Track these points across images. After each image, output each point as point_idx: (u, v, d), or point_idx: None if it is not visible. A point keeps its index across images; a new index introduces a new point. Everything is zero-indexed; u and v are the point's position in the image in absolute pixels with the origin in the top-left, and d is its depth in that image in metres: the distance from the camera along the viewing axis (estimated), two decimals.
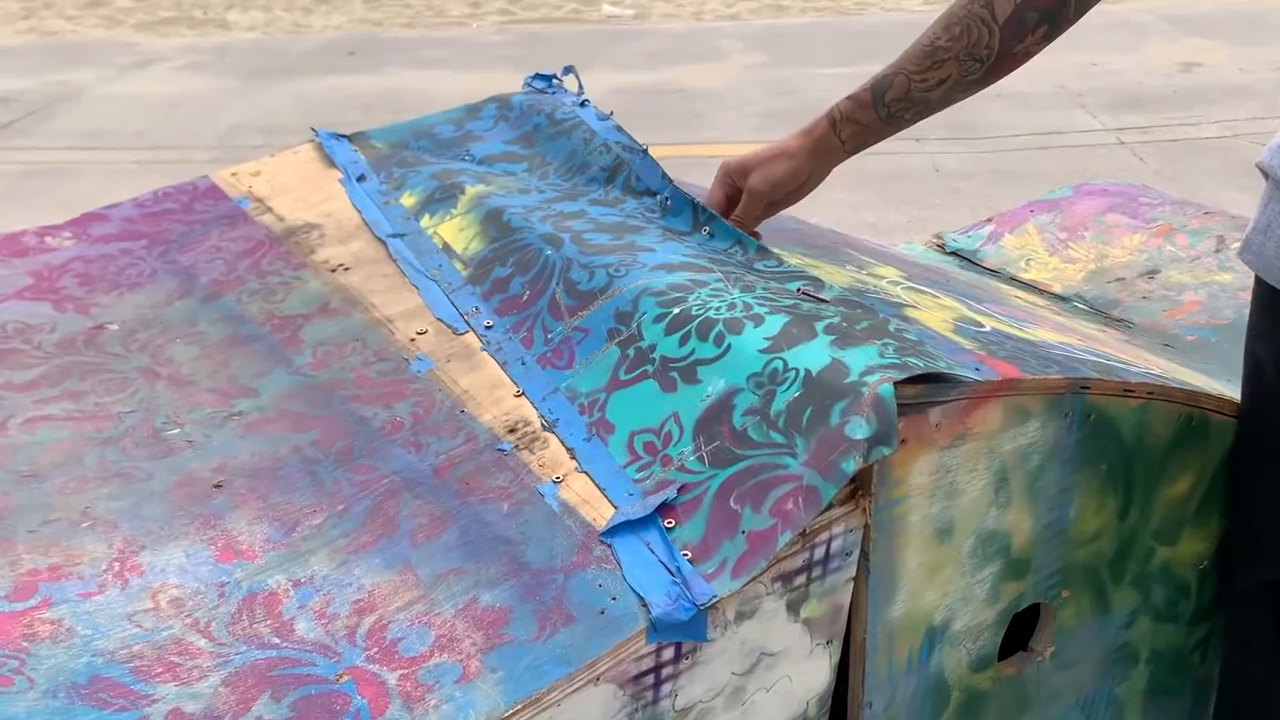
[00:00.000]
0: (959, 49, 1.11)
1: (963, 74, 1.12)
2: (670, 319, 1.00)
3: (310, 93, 5.44)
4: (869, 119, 1.15)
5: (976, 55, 1.11)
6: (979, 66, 1.12)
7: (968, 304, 1.29)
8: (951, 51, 1.11)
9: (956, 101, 1.16)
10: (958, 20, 1.11)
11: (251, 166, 1.50)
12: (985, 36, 1.10)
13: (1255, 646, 1.15)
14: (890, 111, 1.14)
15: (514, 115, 1.54)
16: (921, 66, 1.12)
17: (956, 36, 1.11)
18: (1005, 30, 1.10)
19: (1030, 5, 1.09)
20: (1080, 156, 4.06)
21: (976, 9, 1.11)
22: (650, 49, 5.87)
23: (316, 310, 1.19)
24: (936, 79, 1.12)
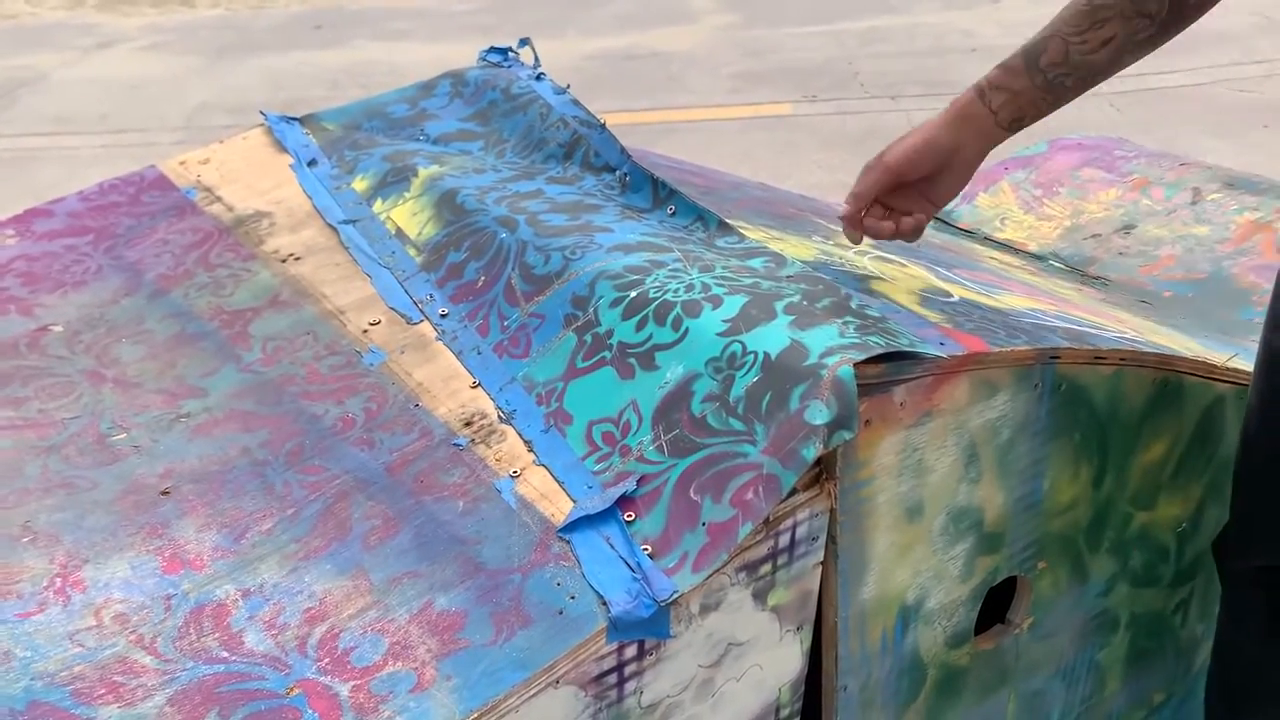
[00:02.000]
0: (1123, 5, 0.98)
1: (1131, 32, 0.99)
2: (627, 303, 0.97)
3: (277, 69, 5.34)
4: (1022, 85, 1.02)
5: (1145, 10, 0.98)
6: (1148, 24, 0.99)
7: (936, 271, 1.26)
8: (1116, 8, 0.98)
9: (1127, 65, 1.03)
10: None
11: (200, 154, 1.45)
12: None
13: (1250, 626, 1.13)
14: (1048, 78, 1.01)
15: (469, 91, 1.49)
16: (1080, 28, 1.00)
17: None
18: None
19: None
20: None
21: None
22: (621, 12, 5.79)
23: (266, 303, 1.15)
24: (1100, 40, 1.00)
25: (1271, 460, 1.08)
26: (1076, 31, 1.00)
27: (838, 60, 4.60)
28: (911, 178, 1.07)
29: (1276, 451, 1.07)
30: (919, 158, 1.05)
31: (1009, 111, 1.03)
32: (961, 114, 1.04)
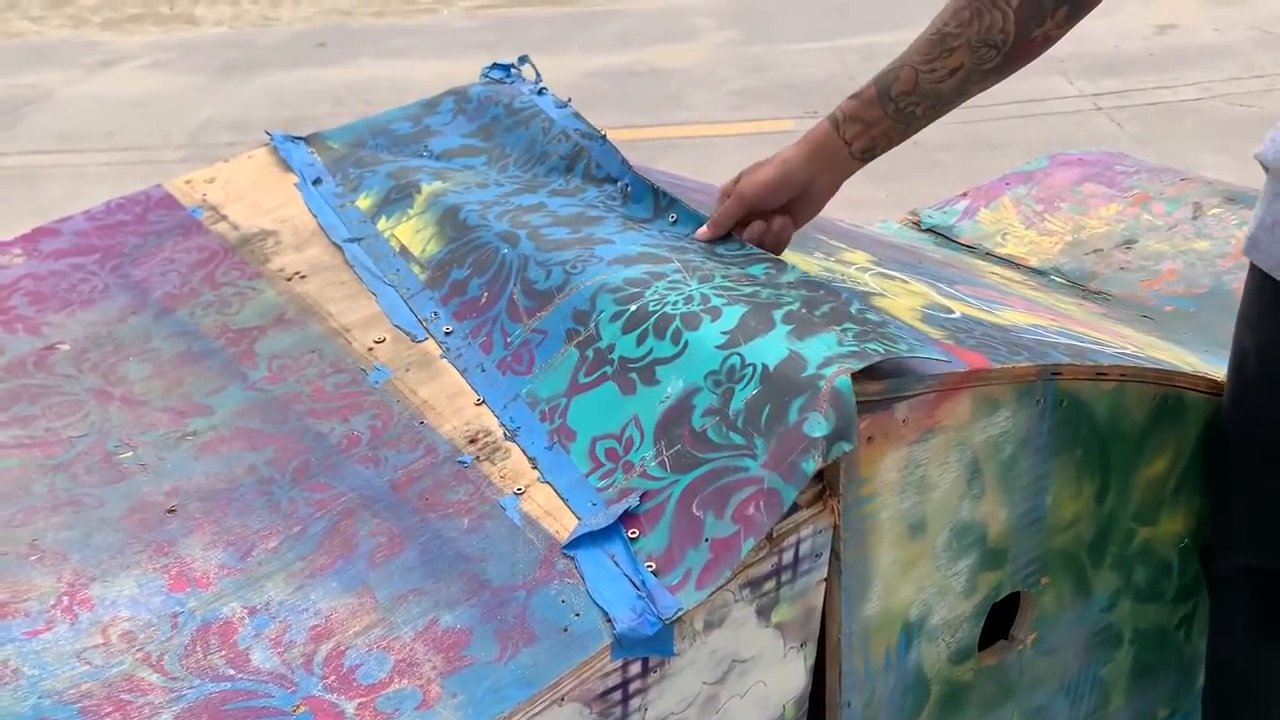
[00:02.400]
0: (970, 35, 1.01)
1: (976, 62, 1.02)
2: (627, 317, 0.98)
3: (281, 86, 5.37)
4: (874, 116, 1.05)
5: (990, 41, 1.02)
6: (994, 53, 1.02)
7: (938, 288, 1.27)
8: (962, 38, 1.02)
9: (973, 94, 1.06)
10: (966, 4, 1.02)
11: (206, 173, 1.46)
12: (999, 21, 1.01)
13: (1238, 631, 1.13)
14: (899, 107, 1.04)
15: (472, 107, 1.50)
16: (929, 56, 1.03)
17: (966, 22, 1.02)
18: (1020, 13, 1.01)
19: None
20: (1058, 124, 4.04)
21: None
22: (622, 30, 5.82)
23: (272, 321, 1.16)
24: (947, 69, 1.03)
25: (1244, 456, 1.09)
26: (926, 60, 1.03)
27: (838, 76, 4.62)
28: (767, 208, 1.10)
29: (1249, 448, 1.08)
30: (775, 191, 1.09)
31: (862, 143, 1.06)
32: (818, 147, 1.07)
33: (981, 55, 1.02)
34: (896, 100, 1.04)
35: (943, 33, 1.02)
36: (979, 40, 1.02)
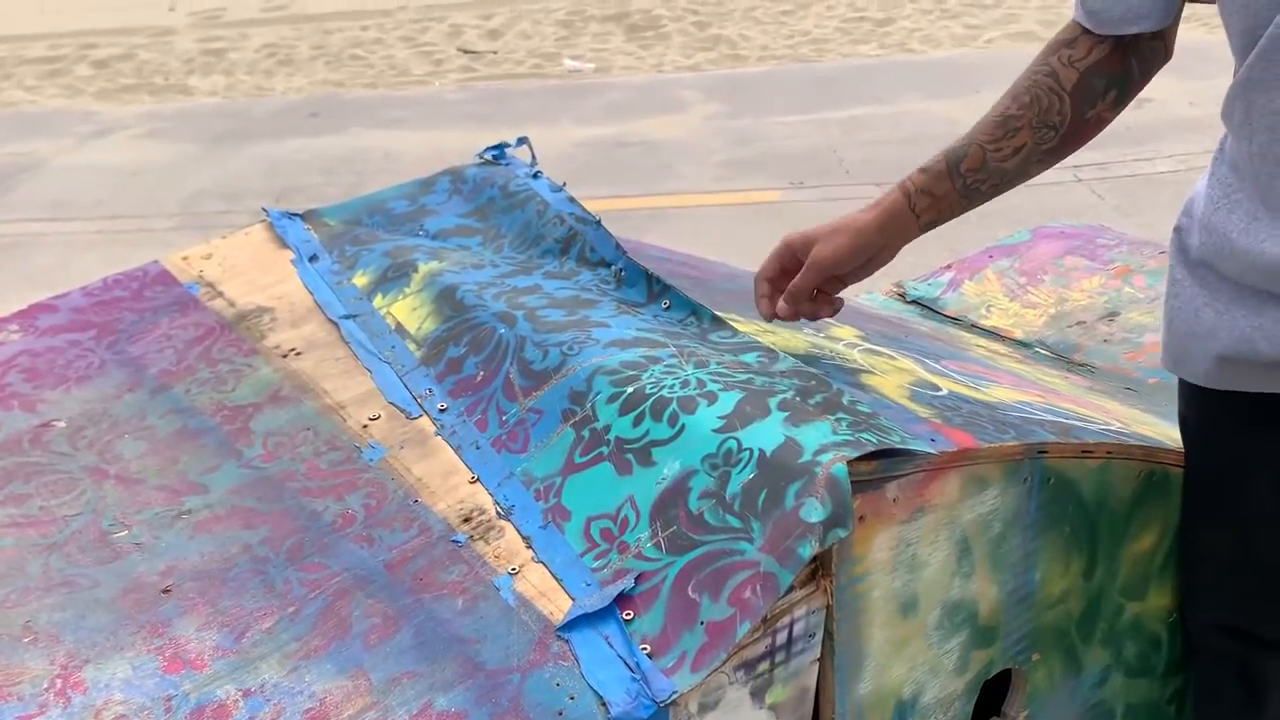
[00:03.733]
0: (1030, 116, 1.08)
1: (1037, 142, 1.09)
2: (624, 399, 0.99)
3: (273, 156, 5.43)
4: (945, 190, 1.11)
5: (1049, 123, 1.09)
6: (1053, 134, 1.09)
7: (925, 364, 1.29)
8: (1024, 120, 1.09)
9: (1034, 174, 1.13)
10: (1025, 90, 1.09)
11: (203, 249, 1.48)
12: (1055, 104, 1.08)
13: (1224, 699, 1.14)
14: (966, 183, 1.10)
15: (467, 188, 1.53)
16: (995, 136, 1.09)
17: (1026, 105, 1.09)
18: (1074, 97, 1.08)
19: (1095, 71, 1.08)
20: (1040, 194, 4.10)
21: (1041, 79, 1.09)
22: (612, 102, 5.92)
23: (267, 399, 1.17)
24: (1011, 148, 1.09)
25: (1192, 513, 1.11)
26: (992, 140, 1.09)
27: (823, 148, 4.71)
28: (840, 273, 1.15)
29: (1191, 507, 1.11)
30: (852, 257, 1.13)
31: (930, 215, 1.12)
32: (891, 217, 1.12)
33: (1042, 135, 1.09)
34: (965, 176, 1.10)
35: (1006, 115, 1.09)
36: (1039, 122, 1.08)
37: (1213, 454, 1.09)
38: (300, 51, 7.62)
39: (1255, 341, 0.97)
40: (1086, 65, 1.08)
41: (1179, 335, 1.06)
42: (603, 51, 7.20)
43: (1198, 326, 1.02)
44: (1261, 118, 0.90)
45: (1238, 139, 0.95)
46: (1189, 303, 1.03)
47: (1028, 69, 1.11)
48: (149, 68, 7.53)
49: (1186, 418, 1.13)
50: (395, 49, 7.53)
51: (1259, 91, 0.90)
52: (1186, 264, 1.04)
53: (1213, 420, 1.08)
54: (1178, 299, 1.06)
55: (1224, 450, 1.08)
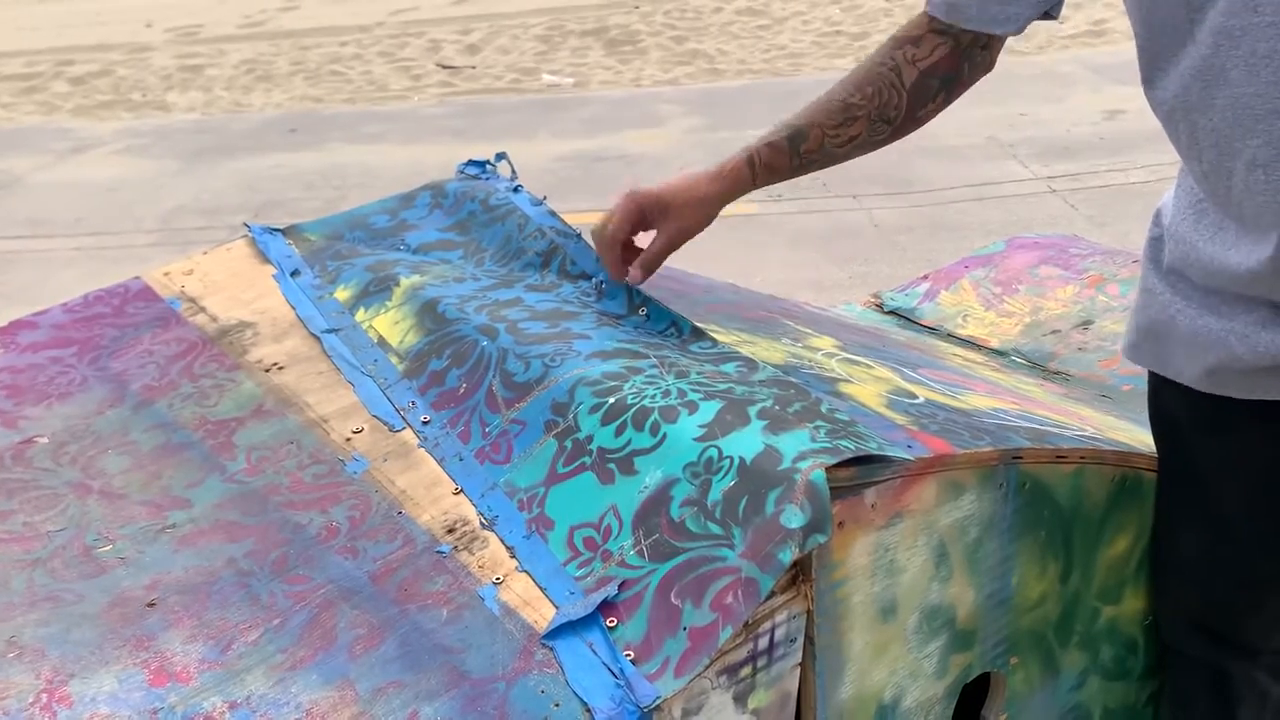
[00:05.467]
0: (871, 109, 1.16)
1: (871, 134, 1.17)
2: (606, 409, 1.00)
3: (252, 171, 5.42)
4: (782, 164, 1.20)
5: (886, 117, 1.17)
6: (886, 128, 1.17)
7: (902, 372, 1.31)
8: (864, 111, 1.16)
9: (852, 158, 1.22)
10: (870, 82, 1.15)
11: (184, 265, 1.49)
12: (894, 99, 1.16)
13: (1197, 704, 1.16)
14: (802, 160, 1.20)
15: (448, 203, 1.54)
16: (836, 122, 1.17)
17: (869, 97, 1.16)
18: (911, 95, 1.15)
19: (932, 71, 1.14)
20: (1014, 206, 4.16)
21: (885, 72, 1.15)
22: (590, 116, 5.95)
23: (250, 413, 1.18)
24: (848, 136, 1.17)
25: (1175, 519, 1.14)
26: (833, 125, 1.17)
27: None
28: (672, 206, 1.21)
29: (1177, 502, 1.14)
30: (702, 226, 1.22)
31: (764, 180, 1.22)
32: (735, 186, 1.21)
33: (876, 129, 1.17)
34: (803, 156, 1.19)
35: (849, 103, 1.16)
36: (878, 115, 1.16)
37: (1183, 455, 1.11)
38: (279, 67, 7.61)
39: (1230, 345, 0.99)
40: (927, 65, 1.14)
41: (1154, 338, 1.08)
42: (581, 66, 7.23)
43: (1173, 331, 1.05)
44: (1206, 136, 0.92)
45: (1188, 160, 0.97)
46: (1164, 309, 1.05)
47: (871, 60, 1.16)
48: (126, 84, 7.51)
49: (1158, 415, 1.15)
50: (374, 64, 7.54)
51: (1199, 114, 0.92)
52: (1159, 272, 1.07)
53: (1185, 418, 1.10)
54: (1151, 306, 1.08)
55: (1195, 451, 1.10)
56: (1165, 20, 0.90)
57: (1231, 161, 0.90)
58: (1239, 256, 0.94)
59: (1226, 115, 0.89)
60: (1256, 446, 1.04)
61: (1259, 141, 0.87)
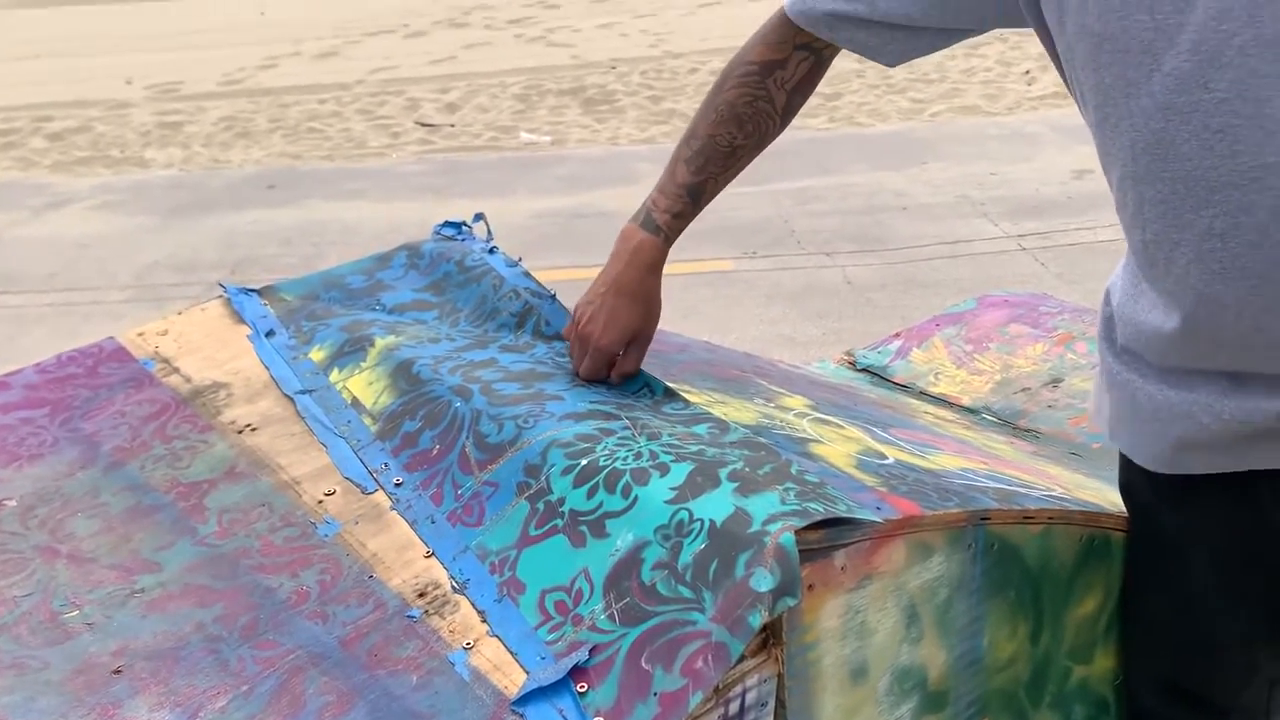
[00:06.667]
0: (753, 143, 1.20)
1: (750, 161, 1.22)
2: (579, 471, 1.01)
3: (230, 227, 5.43)
4: (687, 224, 1.24)
5: (763, 144, 1.22)
6: (759, 152, 1.22)
7: (872, 432, 1.32)
8: (748, 146, 1.20)
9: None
10: (750, 119, 1.19)
11: (159, 325, 1.49)
12: (772, 127, 1.20)
13: None
14: (701, 208, 1.24)
15: (424, 263, 1.56)
16: (726, 166, 1.21)
17: (750, 133, 1.19)
18: (784, 117, 1.20)
19: (798, 89, 1.19)
20: (985, 263, 4.22)
21: (762, 105, 1.19)
22: (568, 174, 6.01)
23: (222, 475, 1.17)
24: (735, 172, 1.22)
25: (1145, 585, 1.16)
26: (724, 170, 1.21)
27: (775, 219, 4.81)
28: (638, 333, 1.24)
29: (1148, 569, 1.15)
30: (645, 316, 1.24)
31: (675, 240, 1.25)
32: (660, 261, 1.25)
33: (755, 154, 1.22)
34: (703, 204, 1.24)
35: (734, 145, 1.20)
36: (757, 145, 1.21)
37: (1151, 525, 1.12)
38: (258, 124, 7.66)
39: (1195, 416, 0.99)
40: (793, 85, 1.18)
41: (1120, 419, 1.09)
42: (559, 125, 7.32)
43: (1135, 409, 1.05)
44: (1152, 207, 0.93)
45: (1131, 230, 0.97)
46: (1124, 388, 1.06)
47: (743, 92, 1.18)
48: (105, 140, 7.54)
49: (1128, 487, 1.16)
50: (353, 122, 7.60)
51: (1146, 185, 0.93)
52: (1114, 351, 1.08)
53: (1152, 493, 1.11)
54: (1111, 386, 1.09)
55: (1164, 522, 1.11)
56: (1115, 92, 0.93)
57: (1179, 233, 0.92)
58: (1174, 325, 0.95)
59: (1177, 188, 0.90)
60: (1221, 517, 1.05)
61: (1214, 212, 0.89)
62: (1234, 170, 0.87)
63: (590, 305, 1.24)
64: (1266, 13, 0.83)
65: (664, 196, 1.23)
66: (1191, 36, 0.86)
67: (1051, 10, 0.97)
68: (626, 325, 1.22)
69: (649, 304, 1.24)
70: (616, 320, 1.22)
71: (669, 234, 1.23)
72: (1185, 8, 0.86)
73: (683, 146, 1.23)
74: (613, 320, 1.22)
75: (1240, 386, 0.96)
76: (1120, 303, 1.04)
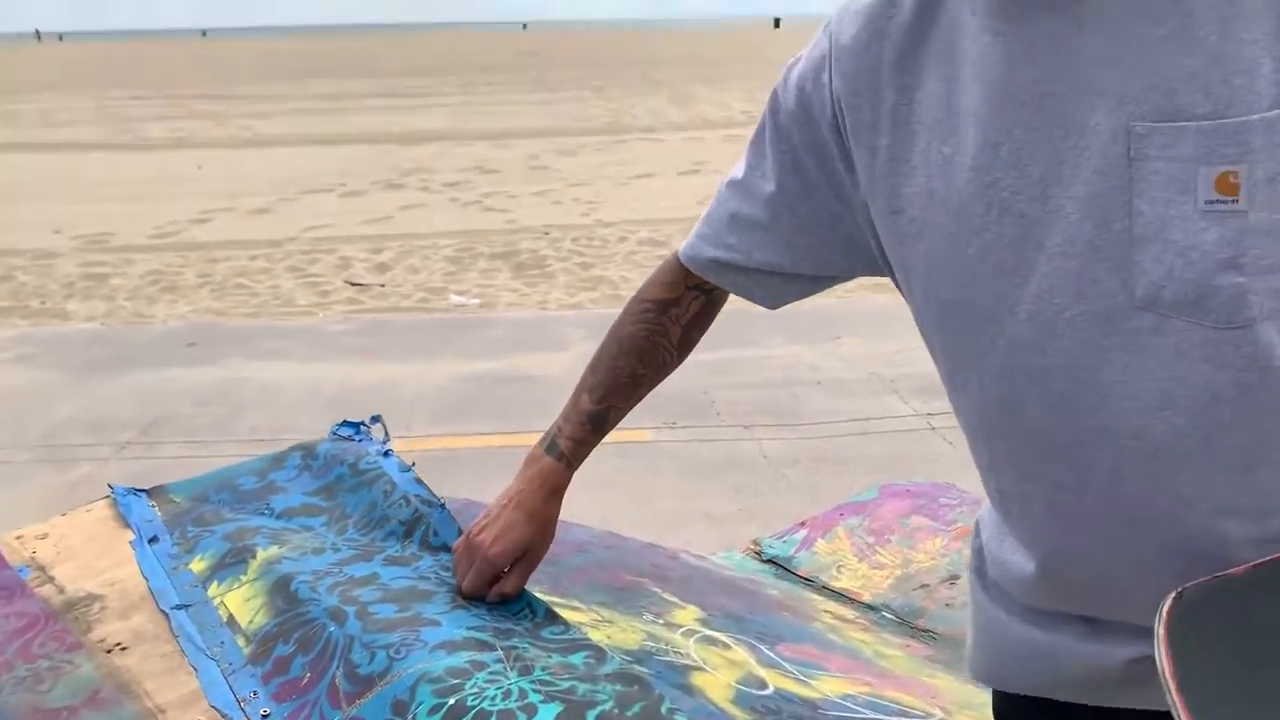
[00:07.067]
0: (651, 374, 1.26)
1: (648, 391, 1.27)
2: (446, 710, 1.00)
3: (146, 385, 5.36)
4: (589, 451, 1.28)
5: (661, 376, 1.27)
6: (657, 383, 1.27)
7: (759, 652, 1.33)
8: (646, 378, 1.26)
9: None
10: (649, 352, 1.25)
11: (40, 528, 1.46)
12: (669, 360, 1.26)
13: None
14: (603, 435, 1.27)
15: (318, 465, 1.56)
16: (627, 395, 1.26)
17: (648, 365, 1.25)
18: (680, 351, 1.26)
19: (693, 324, 1.25)
20: (895, 441, 4.32)
21: (659, 339, 1.25)
22: (495, 337, 6.07)
23: (84, 701, 1.13)
24: (637, 399, 1.27)
25: None
26: (625, 400, 1.26)
27: (695, 390, 4.89)
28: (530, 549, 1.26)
29: None
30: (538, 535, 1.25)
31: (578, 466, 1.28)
32: (558, 491, 1.27)
33: (653, 387, 1.27)
34: (605, 431, 1.27)
35: (636, 375, 1.25)
36: (655, 377, 1.27)
37: None
38: (185, 279, 7.66)
39: (1059, 657, 1.01)
40: (688, 320, 1.25)
41: (991, 650, 1.11)
42: (489, 288, 7.44)
43: (1004, 644, 1.06)
44: (1004, 460, 0.97)
45: (987, 480, 1.02)
46: (993, 621, 1.08)
47: (641, 328, 1.25)
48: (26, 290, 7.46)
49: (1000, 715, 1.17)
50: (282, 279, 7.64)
51: (998, 439, 0.97)
52: (984, 584, 1.11)
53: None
54: (980, 617, 1.11)
55: None
56: (964, 354, 0.98)
57: (1030, 485, 0.96)
58: (1031, 567, 0.99)
59: (1026, 444, 0.95)
60: None
61: (1061, 468, 0.93)
62: (1075, 430, 0.92)
63: (486, 517, 1.25)
64: (1091, 290, 0.89)
65: (568, 423, 1.26)
66: (1028, 307, 0.92)
67: (901, 273, 1.04)
68: (518, 541, 1.23)
69: (545, 527, 1.26)
70: (509, 534, 1.23)
71: (571, 460, 1.26)
72: (1021, 282, 0.92)
73: (588, 375, 1.27)
74: (505, 533, 1.23)
75: (1097, 632, 0.99)
76: (988, 538, 1.08)
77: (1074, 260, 0.89)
